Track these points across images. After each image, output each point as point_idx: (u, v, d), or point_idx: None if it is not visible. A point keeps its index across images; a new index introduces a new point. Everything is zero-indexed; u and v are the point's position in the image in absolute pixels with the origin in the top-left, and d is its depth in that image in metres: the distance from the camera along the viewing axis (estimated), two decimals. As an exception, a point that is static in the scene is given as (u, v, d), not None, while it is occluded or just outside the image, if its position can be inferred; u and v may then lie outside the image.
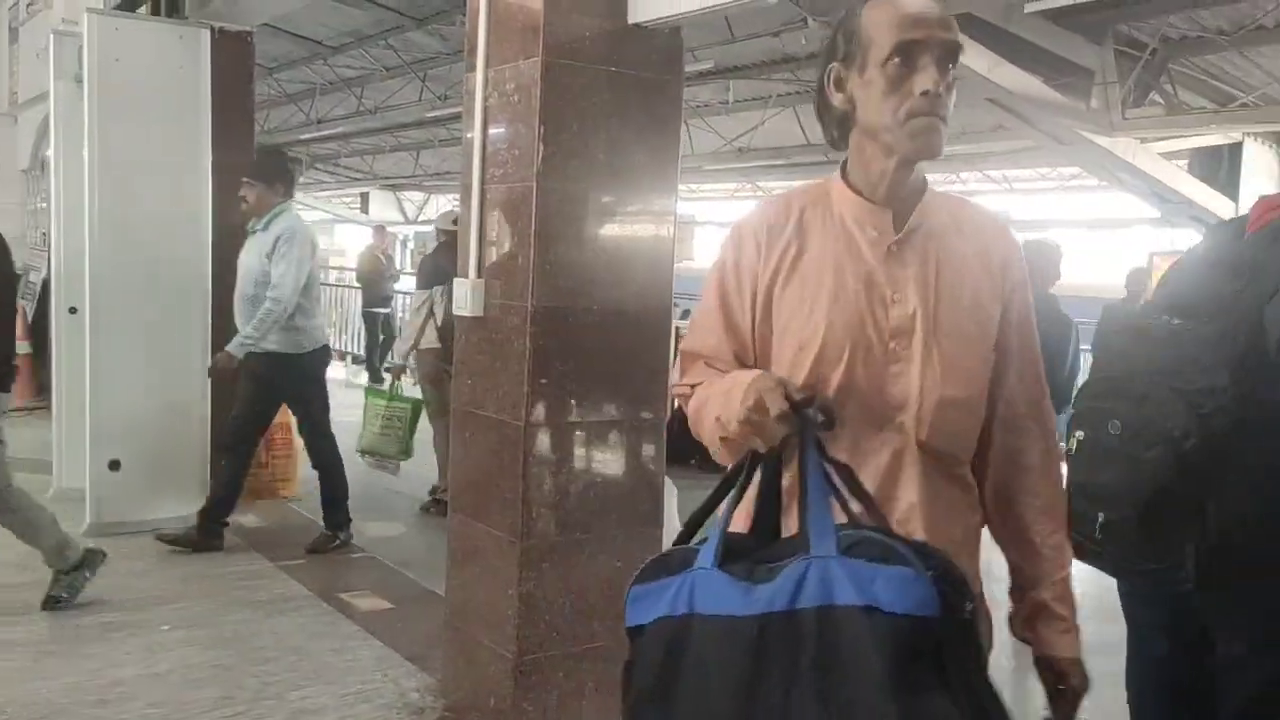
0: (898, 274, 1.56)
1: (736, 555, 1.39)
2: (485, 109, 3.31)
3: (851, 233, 1.58)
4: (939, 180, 14.97)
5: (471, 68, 3.36)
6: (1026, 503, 1.64)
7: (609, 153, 3.24)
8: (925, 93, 1.48)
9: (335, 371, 13.43)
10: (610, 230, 3.30)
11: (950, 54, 1.51)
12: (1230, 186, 9.28)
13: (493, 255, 3.32)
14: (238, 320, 5.04)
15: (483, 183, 3.32)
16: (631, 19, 3.22)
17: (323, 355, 5.27)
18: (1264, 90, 8.16)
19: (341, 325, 15.99)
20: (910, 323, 1.54)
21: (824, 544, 1.31)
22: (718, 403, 1.50)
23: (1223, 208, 9.20)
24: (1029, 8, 6.84)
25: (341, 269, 21.66)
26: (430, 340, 6.15)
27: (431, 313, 6.17)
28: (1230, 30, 7.65)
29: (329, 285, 18.27)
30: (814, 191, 1.65)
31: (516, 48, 3.21)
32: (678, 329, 8.96)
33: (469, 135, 3.38)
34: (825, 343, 1.53)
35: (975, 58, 7.40)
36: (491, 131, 3.31)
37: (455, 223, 6.75)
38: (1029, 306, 1.65)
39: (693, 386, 1.62)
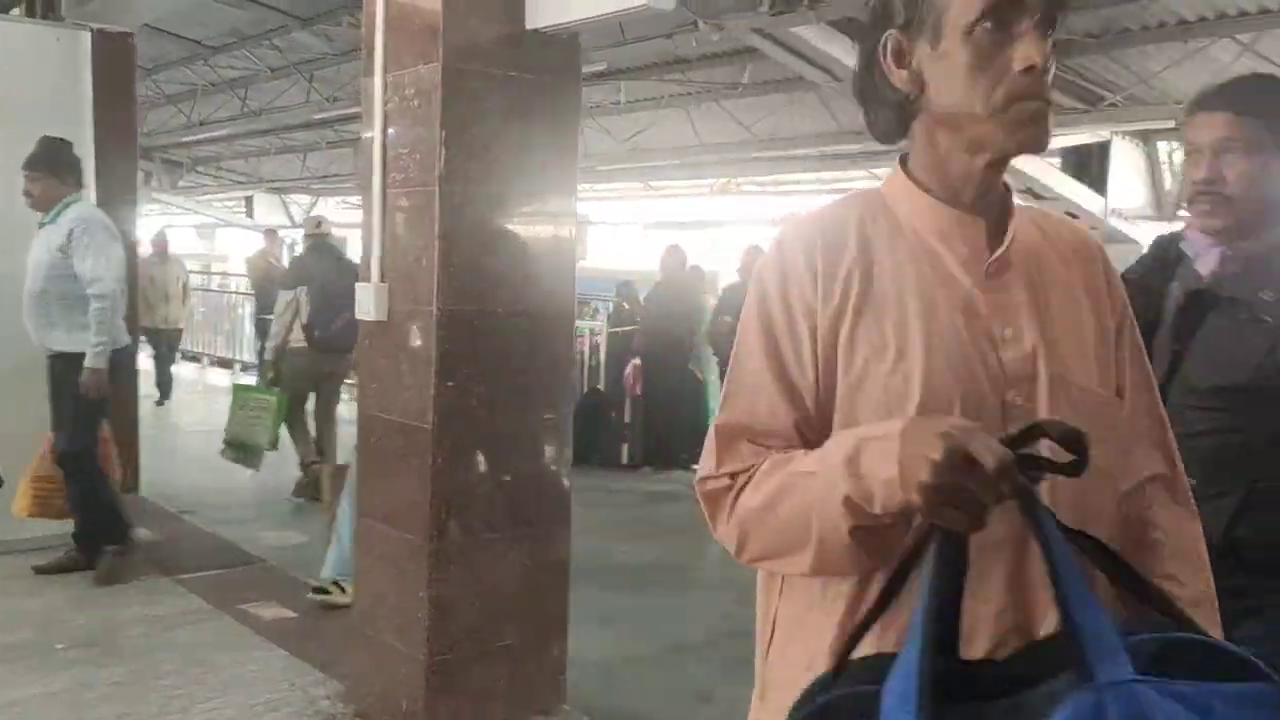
0: (1004, 302, 1.18)
1: (945, 694, 0.94)
2: (385, 113, 3.31)
3: (935, 250, 1.20)
4: (817, 180, 15.36)
5: (369, 72, 3.36)
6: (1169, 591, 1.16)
7: (511, 156, 3.28)
8: (1029, 68, 1.13)
9: (221, 379, 13.20)
10: (514, 232, 3.33)
11: (1055, 14, 1.17)
12: (1100, 183, 9.76)
13: (396, 260, 3.32)
14: (26, 320, 4.64)
15: (384, 187, 3.32)
16: (530, 24, 3.26)
17: (121, 357, 4.78)
18: (1131, 91, 8.59)
19: (230, 332, 15.60)
20: (1030, 365, 1.17)
21: (1113, 660, 0.89)
22: (832, 479, 1.07)
23: (1093, 203, 9.67)
24: (909, 12, 7.07)
25: (225, 274, 21.09)
26: (298, 339, 6.47)
27: (297, 313, 6.48)
28: (1098, 33, 8.03)
29: (212, 291, 17.81)
30: (867, 199, 1.27)
31: (415, 52, 3.22)
32: (592, 330, 9.09)
33: (368, 137, 3.38)
34: (923, 399, 1.12)
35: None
36: (392, 136, 3.31)
37: (319, 226, 7.06)
38: (1137, 332, 1.31)
39: (734, 475, 1.19)
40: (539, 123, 3.34)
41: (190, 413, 10.45)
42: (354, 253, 5.83)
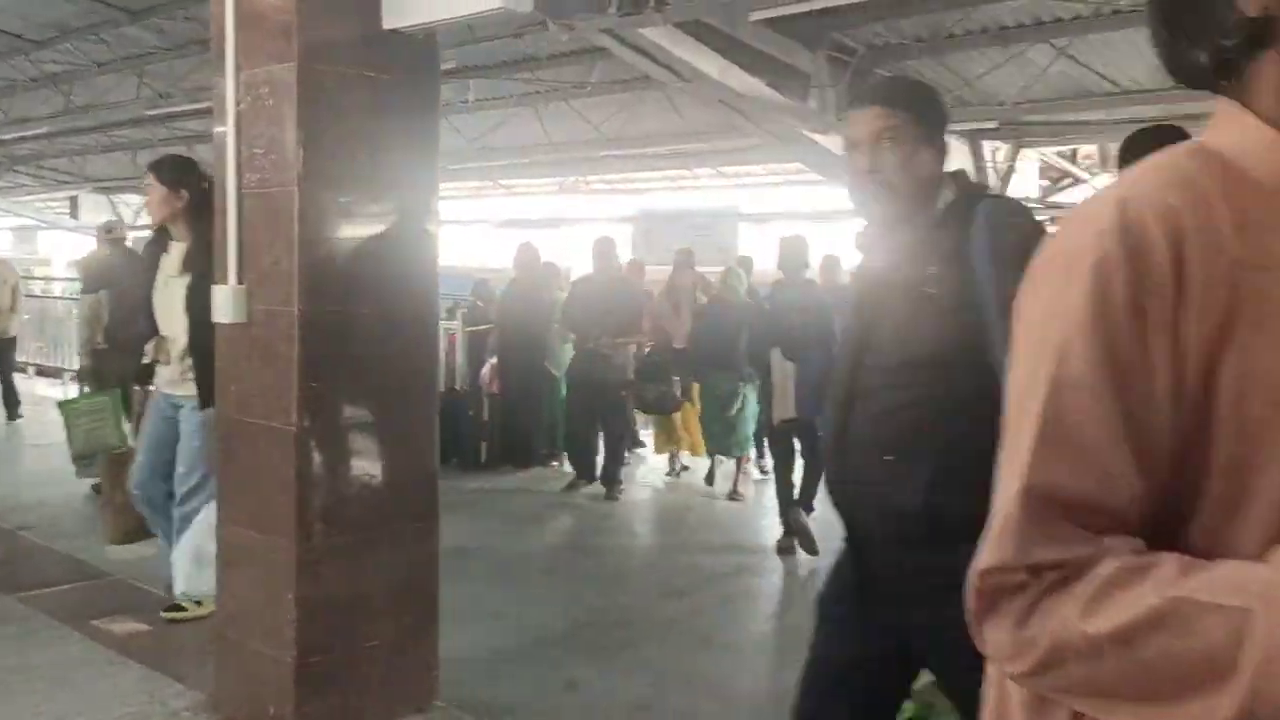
0: None
1: None
2: (238, 113, 3.26)
3: None
4: (669, 176, 15.62)
5: (220, 71, 3.31)
6: None
7: (370, 155, 3.29)
8: None
9: (50, 389, 12.51)
10: (375, 232, 3.34)
11: None
12: (931, 179, 10.29)
13: (254, 261, 3.28)
14: None
15: (240, 189, 3.28)
16: (386, 24, 3.27)
17: None
18: (957, 93, 9.08)
19: (55, 339, 14.79)
20: None
21: None
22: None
23: (926, 199, 10.17)
24: (753, 16, 7.32)
25: (49, 279, 19.96)
26: (99, 342, 6.51)
27: (99, 315, 6.51)
28: (926, 38, 8.47)
29: (35, 296, 16.83)
30: (1203, 159, 0.89)
31: (269, 51, 3.19)
32: (448, 329, 9.00)
33: (220, 133, 3.33)
34: None
35: (707, 61, 7.84)
36: (246, 136, 3.27)
37: (111, 231, 7.02)
38: None
39: (1039, 570, 0.83)
40: (398, 122, 3.35)
41: (22, 426, 9.90)
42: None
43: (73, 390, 11.52)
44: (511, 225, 16.70)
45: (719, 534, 6.82)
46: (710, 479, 7.89)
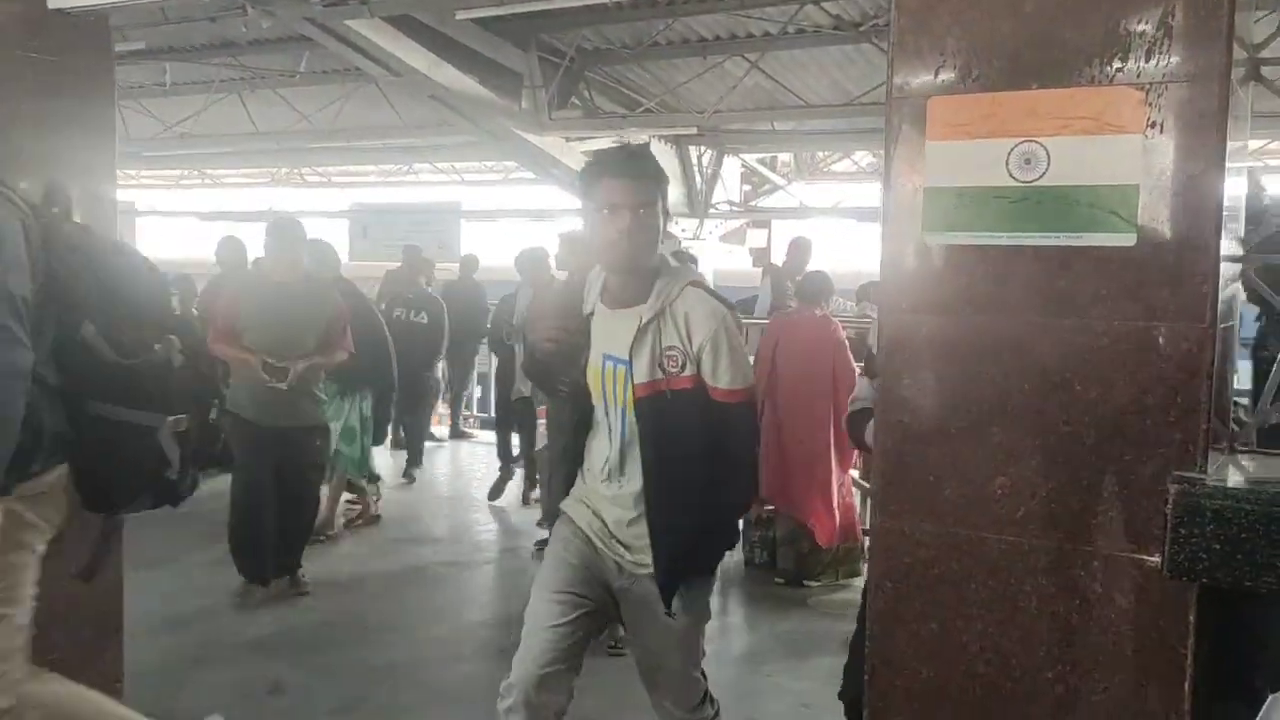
0: None
1: None
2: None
3: None
4: (386, 170, 15.36)
5: None
6: None
7: (35, 141, 3.10)
8: None
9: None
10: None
11: None
12: (642, 181, 10.72)
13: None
14: None
15: (-120, 171, 3.00)
16: (51, 4, 3.10)
17: None
18: (662, 98, 9.52)
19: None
20: None
21: None
22: None
23: (637, 199, 10.58)
24: (460, 14, 7.37)
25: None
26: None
27: None
28: (633, 45, 8.83)
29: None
30: None
31: (-85, 26, 2.95)
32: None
33: None
34: None
35: (416, 56, 7.81)
36: (-112, 115, 3.01)
37: None
38: None
39: None
40: (67, 106, 3.18)
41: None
42: None
43: None
44: (220, 218, 15.83)
45: (429, 529, 6.84)
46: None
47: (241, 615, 4.81)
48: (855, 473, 5.59)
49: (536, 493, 6.79)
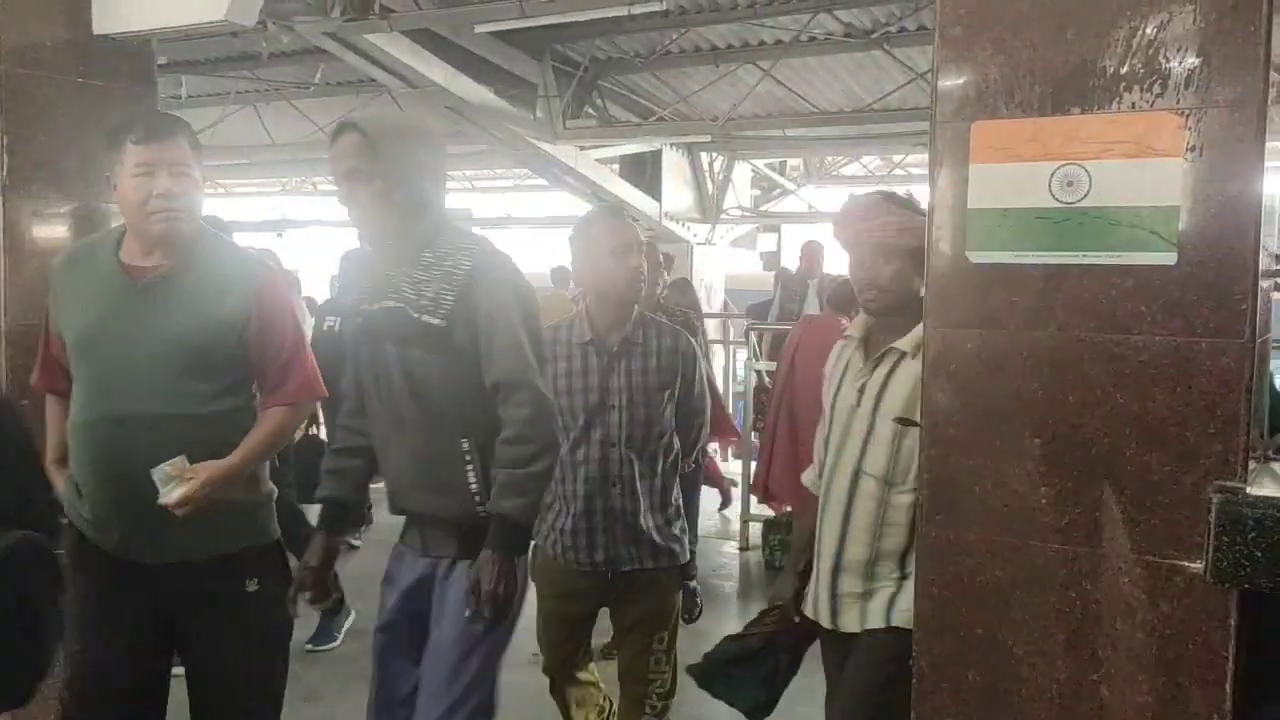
0: None
1: None
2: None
3: None
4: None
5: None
6: None
7: (81, 163, 3.18)
8: None
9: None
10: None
11: None
12: (654, 188, 10.82)
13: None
14: None
15: (-63, 196, 3.09)
16: (97, 29, 3.18)
17: None
18: (675, 106, 9.60)
19: None
20: None
21: None
22: None
23: (649, 206, 10.68)
24: (479, 28, 7.46)
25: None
26: None
27: None
28: (645, 54, 8.91)
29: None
30: None
31: (-32, 54, 3.04)
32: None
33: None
34: None
35: (433, 68, 7.90)
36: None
37: None
38: None
39: None
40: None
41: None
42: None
43: None
44: (233, 228, 15.90)
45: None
46: None
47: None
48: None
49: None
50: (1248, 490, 1.65)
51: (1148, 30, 1.69)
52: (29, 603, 1.54)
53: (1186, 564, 1.72)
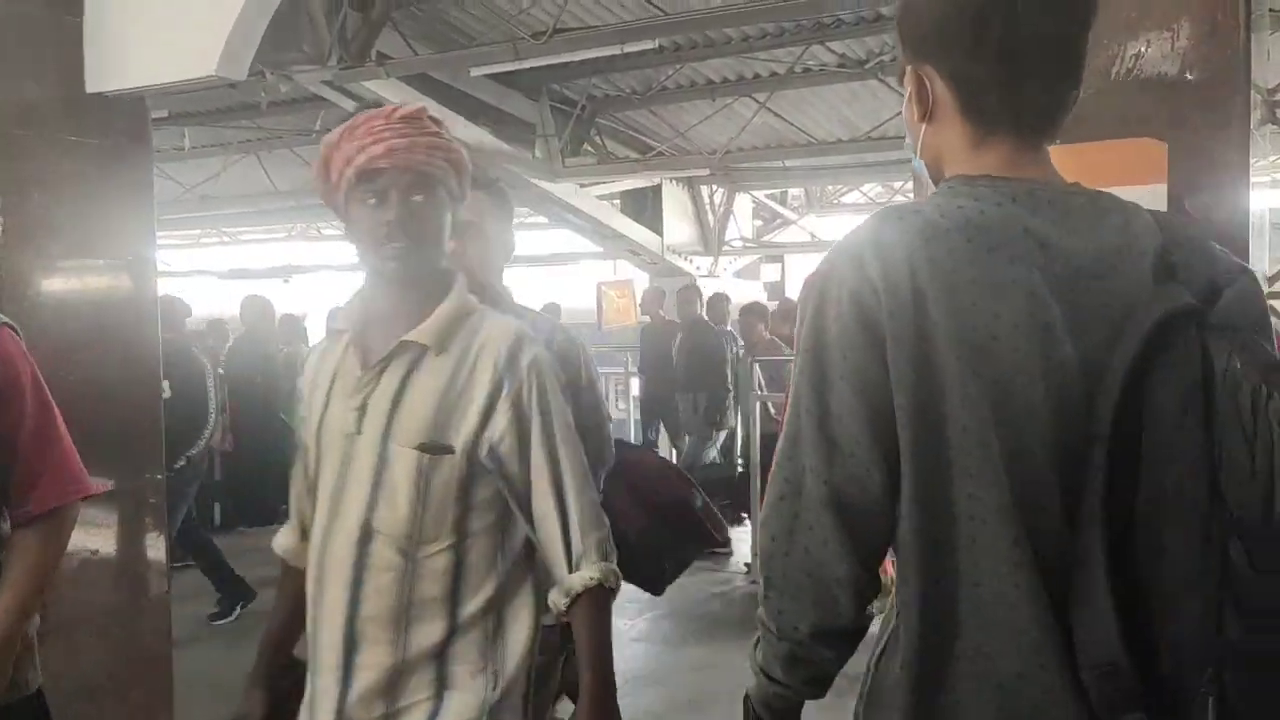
0: None
1: None
2: (-73, 179, 3.10)
3: None
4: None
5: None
6: None
7: (76, 221, 3.20)
8: None
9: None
10: (89, 298, 3.24)
11: None
12: (655, 223, 10.84)
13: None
14: None
15: (-69, 256, 3.11)
16: (90, 88, 3.21)
17: None
18: (673, 141, 9.63)
19: None
20: None
21: None
22: None
23: (651, 241, 10.71)
24: (475, 72, 7.51)
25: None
26: None
27: None
28: (641, 90, 8.96)
29: None
30: None
31: (-39, 115, 3.06)
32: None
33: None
34: None
35: (432, 112, 7.93)
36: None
37: None
38: None
39: None
40: (107, 187, 3.28)
41: None
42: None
43: None
44: (238, 276, 16.02)
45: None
46: None
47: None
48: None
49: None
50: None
51: (1127, 59, 1.69)
52: None
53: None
